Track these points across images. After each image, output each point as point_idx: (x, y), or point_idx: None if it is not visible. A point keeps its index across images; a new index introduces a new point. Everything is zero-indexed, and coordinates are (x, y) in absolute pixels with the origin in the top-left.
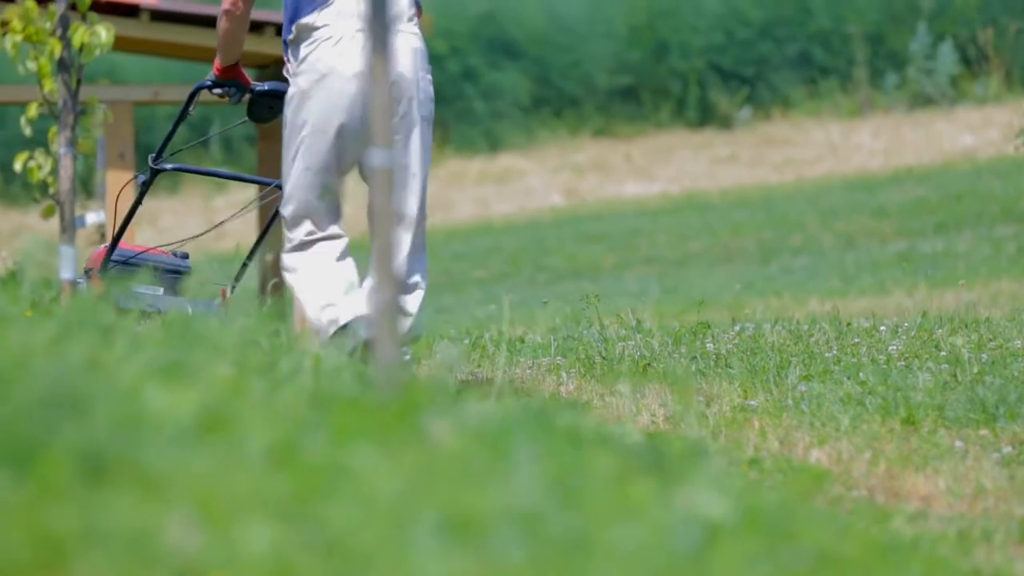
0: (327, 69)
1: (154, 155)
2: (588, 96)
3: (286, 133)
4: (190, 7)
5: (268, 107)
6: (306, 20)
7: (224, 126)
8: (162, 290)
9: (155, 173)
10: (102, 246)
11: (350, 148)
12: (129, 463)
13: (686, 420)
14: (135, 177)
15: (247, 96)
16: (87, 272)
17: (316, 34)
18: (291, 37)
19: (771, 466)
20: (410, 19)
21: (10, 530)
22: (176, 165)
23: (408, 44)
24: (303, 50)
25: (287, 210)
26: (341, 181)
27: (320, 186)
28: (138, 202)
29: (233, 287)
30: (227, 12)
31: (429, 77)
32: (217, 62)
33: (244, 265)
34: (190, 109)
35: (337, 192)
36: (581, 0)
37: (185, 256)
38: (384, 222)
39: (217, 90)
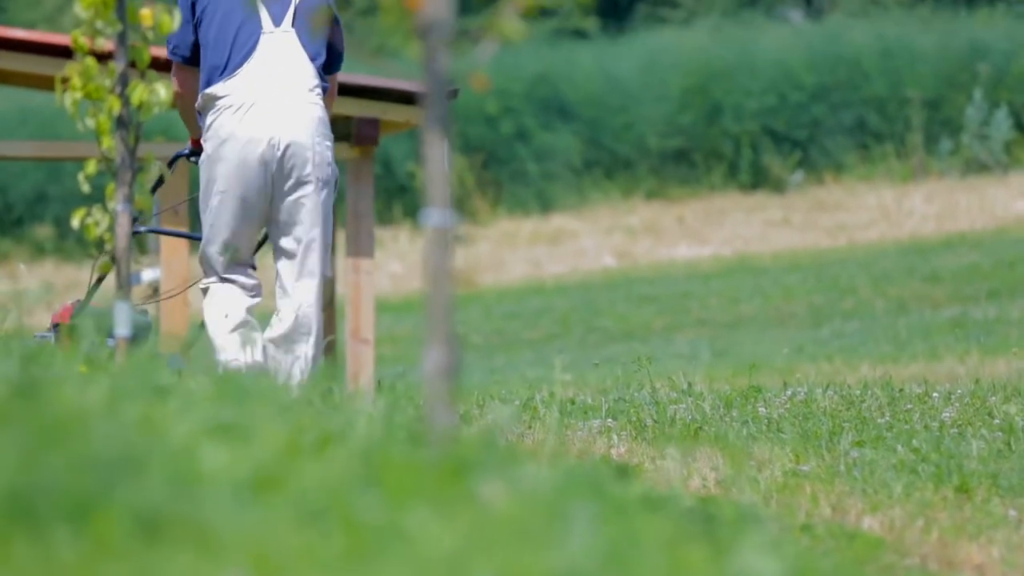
0: (227, 135)
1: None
2: (641, 158)
3: (200, 195)
4: None
5: None
6: (211, 90)
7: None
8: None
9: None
10: (69, 302)
11: (253, 207)
12: (184, 521)
13: (738, 485)
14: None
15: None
16: (55, 327)
17: (219, 103)
18: (199, 105)
19: (823, 532)
20: (311, 89)
21: None
22: (149, 228)
23: (307, 113)
24: (208, 118)
25: (199, 259)
26: (249, 235)
27: (220, 243)
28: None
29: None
30: (176, 94)
31: (328, 143)
32: (191, 134)
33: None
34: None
35: (239, 247)
36: (635, 62)
37: (144, 312)
38: (438, 282)
39: (194, 158)
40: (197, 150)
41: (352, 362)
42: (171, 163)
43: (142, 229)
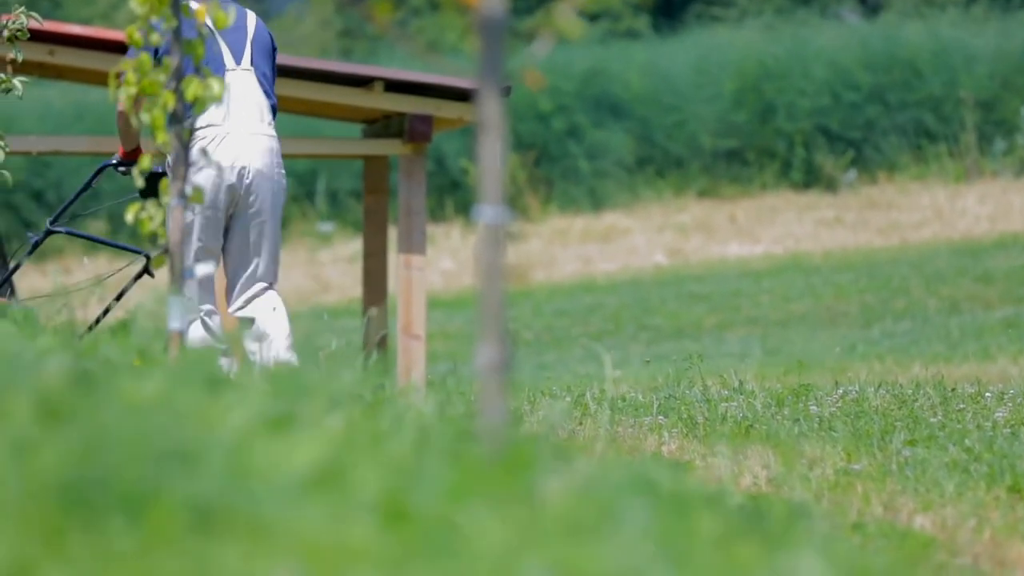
0: (204, 164)
1: (52, 218)
2: (693, 156)
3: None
4: (300, 61)
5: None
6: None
7: (328, 184)
8: None
9: (48, 234)
10: None
11: (220, 224)
12: (239, 514)
13: (789, 483)
14: (29, 237)
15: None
16: None
17: (196, 134)
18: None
19: (875, 531)
20: (270, 124)
21: None
22: (67, 229)
23: (264, 145)
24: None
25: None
26: (216, 247)
27: (194, 253)
28: (28, 256)
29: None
30: (120, 112)
31: (282, 171)
32: (122, 146)
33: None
34: (93, 183)
35: (212, 254)
36: (687, 60)
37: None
38: (491, 280)
39: (121, 168)
40: (126, 161)
41: (403, 358)
42: (97, 172)
43: (61, 230)
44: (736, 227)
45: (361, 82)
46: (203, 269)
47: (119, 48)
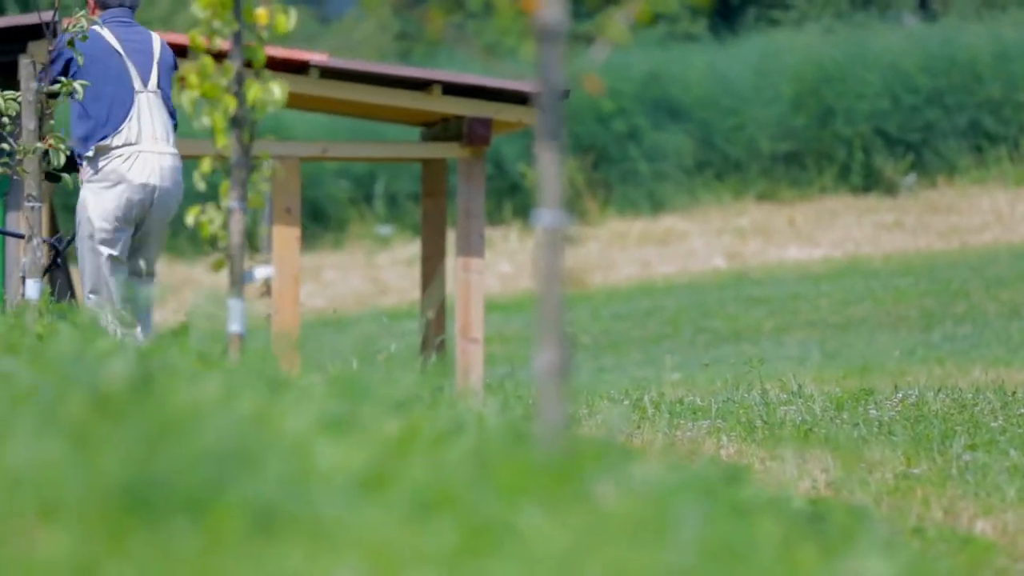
0: (118, 179)
1: None
2: (752, 160)
3: (80, 228)
4: (359, 65)
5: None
6: (104, 143)
7: (384, 185)
8: None
9: None
10: None
11: (129, 232)
12: (299, 516)
13: (848, 487)
14: None
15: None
16: None
17: (111, 152)
18: (90, 154)
19: (935, 536)
20: (174, 143)
21: None
22: None
23: (169, 163)
24: (100, 162)
25: (85, 281)
26: (124, 249)
27: (109, 261)
28: None
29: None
30: None
31: (182, 183)
32: None
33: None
34: None
35: (120, 257)
36: (746, 64)
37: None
38: (550, 283)
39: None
40: None
41: (462, 360)
42: None
43: None
44: (795, 230)
45: (420, 85)
46: (262, 272)
47: (179, 52)
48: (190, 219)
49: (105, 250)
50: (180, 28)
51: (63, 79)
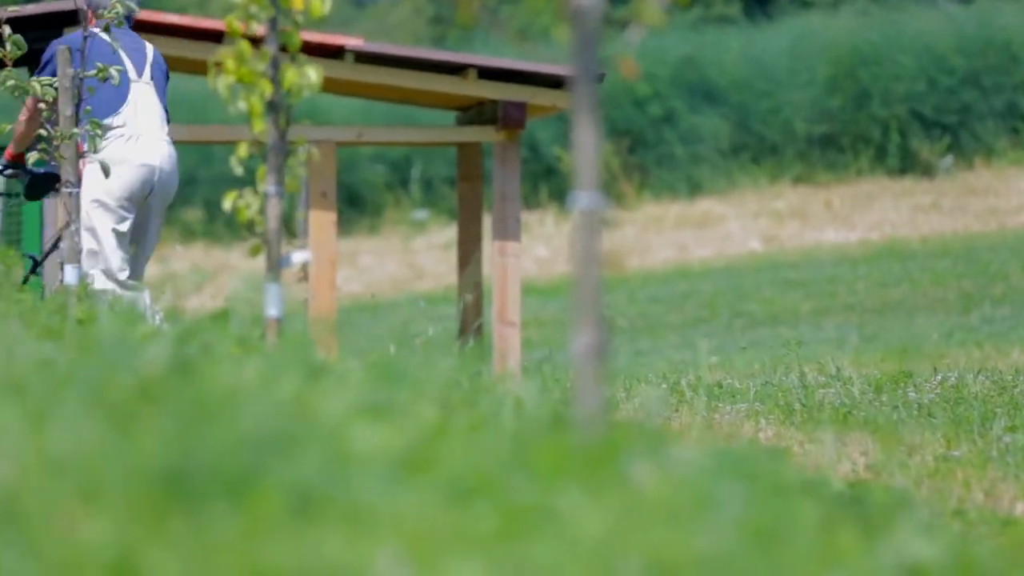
0: (121, 159)
1: None
2: (788, 142)
3: (86, 210)
4: (394, 49)
5: (43, 186)
6: (105, 121)
7: (423, 172)
8: None
9: None
10: None
11: (134, 211)
12: (339, 500)
13: (888, 469)
14: None
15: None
16: None
17: (111, 132)
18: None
19: (976, 518)
20: (168, 132)
21: (225, 562)
22: None
23: (167, 150)
24: (101, 144)
25: (105, 253)
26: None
27: (117, 237)
28: None
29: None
30: (31, 117)
31: (178, 173)
32: (10, 149)
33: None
34: None
35: (127, 241)
36: (781, 46)
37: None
38: (588, 266)
39: (8, 171)
40: (12, 164)
41: (499, 344)
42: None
43: None
44: (832, 213)
45: (455, 69)
46: (299, 257)
47: (214, 37)
48: (227, 204)
49: (112, 225)
50: (216, 14)
51: (99, 64)
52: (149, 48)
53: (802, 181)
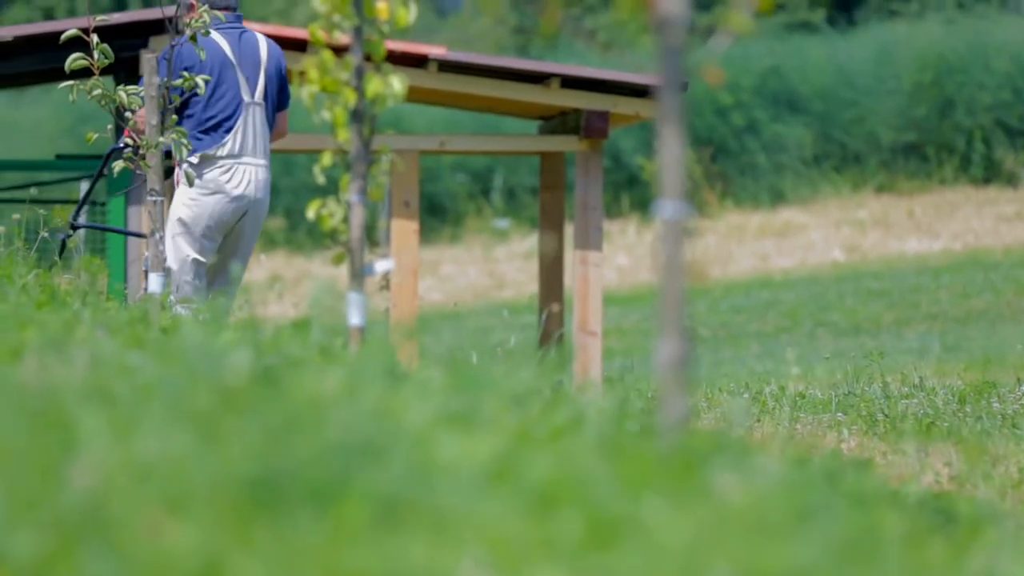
0: (216, 188)
1: (73, 214)
2: (871, 151)
3: (172, 227)
4: (477, 58)
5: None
6: (209, 152)
7: (507, 178)
8: None
9: (75, 230)
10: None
11: (218, 238)
12: (422, 508)
13: (972, 481)
14: (58, 235)
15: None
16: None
17: (215, 162)
18: (194, 160)
19: None
20: (267, 157)
21: (310, 569)
22: (87, 224)
23: (263, 177)
24: (202, 171)
25: (177, 275)
26: (212, 255)
27: (194, 265)
28: (60, 255)
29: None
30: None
31: (270, 194)
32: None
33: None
34: (105, 170)
35: (207, 265)
36: (866, 55)
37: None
38: (672, 275)
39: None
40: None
41: (580, 354)
42: (107, 159)
43: (83, 225)
44: (914, 222)
45: (538, 79)
46: (383, 266)
47: (296, 46)
48: (311, 213)
49: (192, 254)
50: (298, 22)
51: (185, 73)
52: (263, 49)
53: (885, 190)
